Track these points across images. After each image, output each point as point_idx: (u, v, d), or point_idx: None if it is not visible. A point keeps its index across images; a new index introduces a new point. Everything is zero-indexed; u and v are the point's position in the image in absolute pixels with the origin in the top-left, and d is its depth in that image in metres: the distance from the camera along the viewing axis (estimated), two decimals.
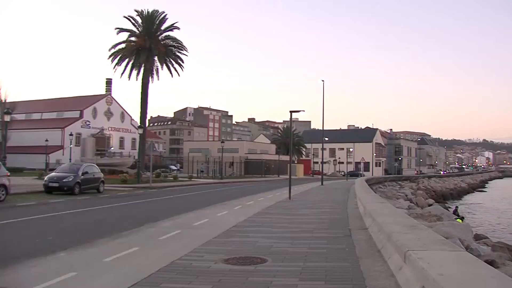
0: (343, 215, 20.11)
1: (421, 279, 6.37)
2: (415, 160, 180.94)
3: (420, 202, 48.56)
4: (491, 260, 15.72)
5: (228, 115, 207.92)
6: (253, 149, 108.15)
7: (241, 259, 10.15)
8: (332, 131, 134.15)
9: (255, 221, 17.53)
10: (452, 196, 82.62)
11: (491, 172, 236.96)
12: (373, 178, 70.86)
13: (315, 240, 13.05)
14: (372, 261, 10.03)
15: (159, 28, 59.55)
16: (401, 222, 12.14)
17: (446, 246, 8.49)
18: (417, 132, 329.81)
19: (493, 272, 6.42)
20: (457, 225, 22.27)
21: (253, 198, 30.58)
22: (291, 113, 32.02)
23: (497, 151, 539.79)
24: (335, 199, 30.74)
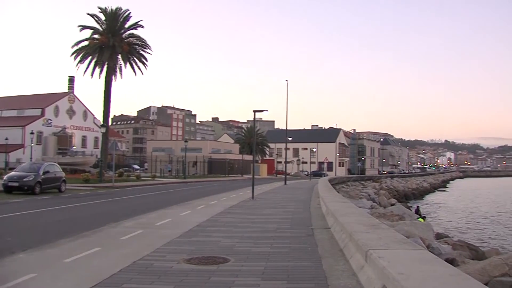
0: (306, 215, 20.18)
1: (382, 278, 6.42)
2: (378, 160, 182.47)
3: (382, 202, 49.01)
4: (452, 258, 15.94)
5: (191, 115, 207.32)
6: (216, 148, 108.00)
7: (204, 259, 10.11)
8: (295, 131, 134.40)
9: (218, 221, 17.49)
10: (414, 196, 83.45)
11: (452, 172, 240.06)
12: (336, 178, 71.25)
13: (277, 240, 13.06)
14: (334, 260, 10.08)
15: (122, 26, 59.04)
16: (363, 221, 12.23)
17: (407, 245, 8.59)
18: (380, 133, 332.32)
19: (452, 270, 6.52)
20: (418, 224, 22.53)
21: (216, 197, 30.51)
22: (255, 112, 32.08)
23: (459, 151, 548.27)
24: (298, 199, 30.82)
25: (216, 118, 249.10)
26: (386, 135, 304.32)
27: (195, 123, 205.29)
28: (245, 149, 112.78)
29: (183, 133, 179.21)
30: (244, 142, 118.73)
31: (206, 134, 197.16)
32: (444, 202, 70.87)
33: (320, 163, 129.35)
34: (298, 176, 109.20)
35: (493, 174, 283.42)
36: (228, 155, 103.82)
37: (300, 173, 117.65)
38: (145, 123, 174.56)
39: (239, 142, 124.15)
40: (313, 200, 28.52)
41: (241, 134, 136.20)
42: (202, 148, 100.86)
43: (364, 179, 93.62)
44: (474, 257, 19.38)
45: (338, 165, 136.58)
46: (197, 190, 41.31)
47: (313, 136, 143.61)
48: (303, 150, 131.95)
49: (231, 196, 32.53)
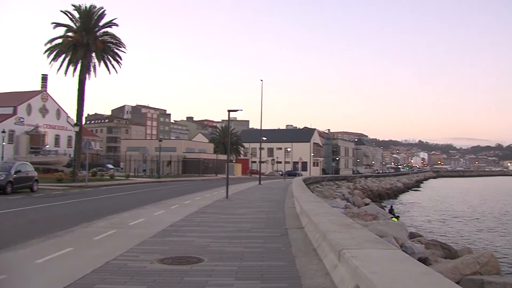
0: (280, 215, 20.22)
1: (355, 277, 6.46)
2: (353, 160, 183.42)
3: (357, 202, 49.16)
4: (424, 257, 16.07)
5: (166, 114, 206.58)
6: (191, 148, 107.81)
7: (177, 258, 10.07)
8: (270, 130, 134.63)
9: (192, 221, 17.47)
10: (388, 195, 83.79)
11: (426, 172, 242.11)
12: (311, 178, 71.50)
13: (251, 240, 13.07)
14: (308, 260, 10.11)
15: (97, 24, 58.49)
16: (337, 221, 12.27)
17: (380, 244, 8.64)
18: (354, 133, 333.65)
19: (424, 269, 6.58)
20: (392, 224, 22.65)
21: (190, 197, 30.44)
22: (229, 112, 32.07)
23: (432, 152, 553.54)
24: (272, 199, 30.87)
25: (190, 117, 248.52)
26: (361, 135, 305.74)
27: (170, 123, 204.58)
28: (219, 148, 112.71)
29: (158, 133, 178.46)
30: (219, 142, 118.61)
31: (180, 134, 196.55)
32: (418, 202, 71.39)
33: (295, 162, 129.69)
34: (273, 175, 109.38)
35: (465, 174, 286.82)
36: (202, 154, 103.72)
37: (275, 173, 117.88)
38: (119, 122, 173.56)
39: (213, 141, 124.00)
40: (287, 200, 28.59)
41: (216, 134, 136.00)
42: (176, 147, 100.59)
43: (339, 179, 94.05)
44: (447, 256, 19.59)
45: (312, 165, 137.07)
46: (171, 189, 41.21)
47: (287, 136, 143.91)
48: (278, 150, 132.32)
49: (205, 195, 32.48)
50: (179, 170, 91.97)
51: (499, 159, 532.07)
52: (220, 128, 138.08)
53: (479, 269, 14.47)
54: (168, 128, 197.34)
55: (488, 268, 14.67)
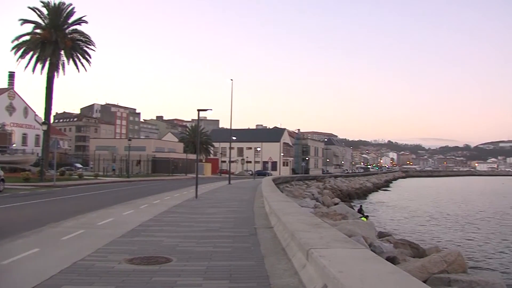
0: (249, 214, 20.25)
1: (323, 276, 6.50)
2: (322, 160, 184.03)
3: (326, 201, 49.28)
4: (393, 256, 16.22)
5: (135, 113, 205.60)
6: (160, 147, 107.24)
7: (146, 258, 10.04)
8: (240, 130, 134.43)
9: (161, 220, 17.42)
10: (358, 195, 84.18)
11: (395, 172, 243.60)
12: (281, 178, 71.62)
13: (220, 239, 13.07)
14: (276, 259, 10.14)
15: (66, 21, 57.82)
16: (305, 220, 12.33)
17: (348, 244, 8.71)
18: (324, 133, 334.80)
19: (391, 268, 6.65)
20: (361, 223, 22.79)
21: (159, 197, 30.35)
22: (199, 111, 32.00)
23: (401, 152, 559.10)
24: (242, 198, 30.90)
25: (160, 116, 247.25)
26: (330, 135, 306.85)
27: (139, 122, 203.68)
28: (189, 148, 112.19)
29: (127, 132, 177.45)
30: (189, 141, 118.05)
31: (150, 133, 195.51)
32: (387, 201, 71.89)
33: (265, 162, 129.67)
34: (243, 175, 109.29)
35: (434, 174, 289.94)
36: (172, 154, 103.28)
37: (245, 173, 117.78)
38: (88, 121, 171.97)
39: (183, 141, 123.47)
40: (257, 200, 28.64)
41: (186, 133, 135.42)
42: (146, 146, 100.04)
43: (308, 179, 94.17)
44: (415, 255, 19.77)
45: (282, 165, 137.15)
46: (141, 189, 41.00)
47: (257, 136, 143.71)
48: (248, 149, 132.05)
49: (175, 195, 32.39)
50: (149, 169, 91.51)
51: (466, 159, 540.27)
52: (190, 127, 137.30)
53: (446, 268, 14.62)
54: (138, 127, 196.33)
55: (455, 266, 14.83)
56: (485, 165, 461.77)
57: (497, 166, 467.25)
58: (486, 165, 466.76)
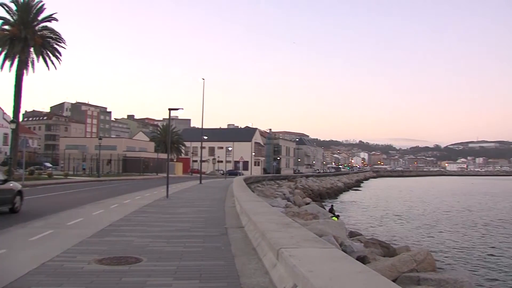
0: (220, 214, 20.24)
1: (293, 276, 6.52)
2: (294, 159, 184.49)
3: (297, 201, 49.42)
4: (363, 256, 16.33)
5: (106, 112, 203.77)
6: (131, 146, 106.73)
7: (116, 259, 9.97)
8: (212, 129, 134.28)
9: (131, 220, 17.32)
10: (329, 195, 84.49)
11: (366, 172, 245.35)
12: (252, 177, 71.58)
13: (191, 239, 13.04)
14: (247, 259, 10.14)
15: (36, 18, 57.11)
16: (276, 220, 12.36)
17: (318, 243, 8.74)
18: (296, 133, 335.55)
19: (360, 268, 6.69)
20: (332, 223, 22.89)
21: (130, 196, 30.15)
22: (170, 110, 31.91)
23: (372, 152, 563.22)
24: (213, 198, 30.86)
25: (131, 115, 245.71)
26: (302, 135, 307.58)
27: (110, 120, 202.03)
28: (160, 147, 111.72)
29: (98, 131, 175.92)
30: (160, 141, 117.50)
31: (121, 132, 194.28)
32: (358, 201, 72.29)
33: (236, 162, 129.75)
34: (214, 175, 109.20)
35: (405, 174, 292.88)
36: (143, 153, 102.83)
37: (216, 172, 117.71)
38: (58, 119, 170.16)
39: (154, 140, 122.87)
40: (228, 199, 28.63)
41: (157, 132, 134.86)
42: (116, 146, 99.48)
43: (280, 178, 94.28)
44: (385, 254, 19.93)
45: (253, 164, 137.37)
46: (111, 188, 40.71)
47: (229, 135, 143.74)
48: (219, 149, 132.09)
49: (146, 195, 32.22)
50: (120, 169, 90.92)
51: (437, 159, 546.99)
52: (161, 126, 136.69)
53: (416, 267, 14.78)
54: (109, 126, 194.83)
55: (424, 265, 15.01)
56: (455, 165, 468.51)
57: (466, 166, 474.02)
58: (456, 165, 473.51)
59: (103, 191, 37.23)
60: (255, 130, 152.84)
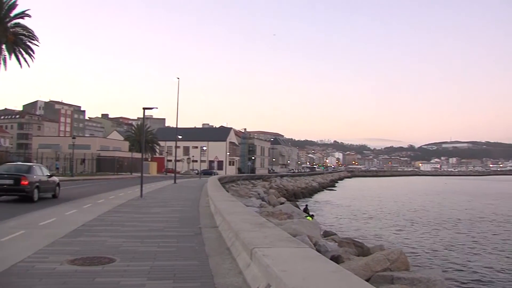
0: (195, 214, 20.20)
1: (267, 275, 6.54)
2: (268, 159, 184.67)
3: (272, 201, 49.46)
4: (337, 255, 16.40)
5: (80, 110, 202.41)
6: (105, 146, 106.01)
7: (89, 259, 9.88)
8: (186, 129, 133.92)
9: (105, 220, 17.19)
10: (304, 194, 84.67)
11: (340, 172, 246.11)
12: (226, 177, 71.60)
13: (165, 239, 13.00)
14: (221, 259, 10.14)
15: (8, 15, 56.41)
16: (250, 220, 12.40)
17: (292, 243, 8.78)
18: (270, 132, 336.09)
19: (334, 267, 6.73)
20: (306, 222, 22.92)
21: (104, 196, 29.91)
22: (144, 110, 31.77)
23: (347, 152, 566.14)
24: (187, 198, 30.77)
25: (106, 114, 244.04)
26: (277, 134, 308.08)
27: (84, 119, 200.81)
28: (134, 146, 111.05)
29: (71, 130, 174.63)
30: (134, 140, 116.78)
31: (95, 131, 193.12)
32: (333, 201, 72.52)
33: (211, 161, 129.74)
34: (188, 174, 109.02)
35: (379, 174, 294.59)
36: (117, 152, 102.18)
37: (190, 172, 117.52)
38: (31, 118, 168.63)
39: (129, 139, 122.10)
40: (202, 199, 28.57)
41: (131, 132, 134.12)
42: (90, 145, 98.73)
43: (254, 178, 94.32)
44: (359, 253, 20.04)
45: (228, 164, 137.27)
46: (85, 188, 40.35)
47: (203, 135, 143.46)
48: (194, 148, 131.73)
49: (120, 194, 32.02)
50: (94, 168, 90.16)
51: (411, 159, 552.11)
52: (136, 125, 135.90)
53: (389, 266, 14.89)
54: (83, 125, 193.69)
55: (398, 264, 15.12)
56: (429, 165, 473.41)
57: (440, 166, 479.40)
58: (429, 165, 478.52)
59: (76, 190, 36.85)
60: (230, 129, 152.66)
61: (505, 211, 57.89)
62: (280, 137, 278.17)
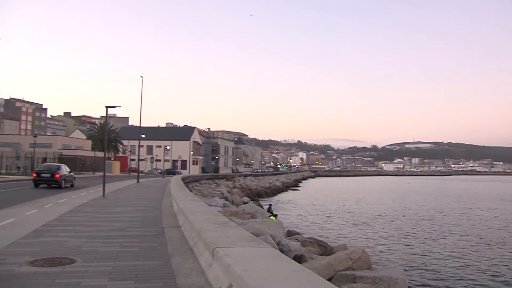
0: (157, 213, 20.12)
1: (228, 275, 6.56)
2: (232, 159, 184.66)
3: (235, 200, 49.50)
4: (300, 255, 16.46)
5: (42, 108, 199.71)
6: (68, 144, 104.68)
7: (49, 260, 9.75)
8: (150, 128, 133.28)
9: (66, 220, 17.01)
10: (267, 194, 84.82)
11: (304, 171, 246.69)
12: (190, 176, 71.32)
13: (127, 239, 12.93)
14: (183, 259, 10.12)
15: None
16: (213, 220, 12.39)
17: (254, 242, 8.79)
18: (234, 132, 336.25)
19: (295, 266, 6.77)
20: (269, 222, 23.01)
21: (65, 195, 29.58)
22: (107, 108, 31.54)
23: (311, 152, 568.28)
24: (150, 197, 30.64)
25: (68, 112, 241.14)
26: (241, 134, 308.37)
27: (46, 118, 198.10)
28: (97, 145, 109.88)
29: (33, 128, 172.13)
30: (97, 139, 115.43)
31: (57, 129, 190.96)
32: (296, 201, 72.59)
33: (174, 161, 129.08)
34: (152, 174, 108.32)
35: (342, 174, 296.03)
36: (79, 151, 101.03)
37: (154, 171, 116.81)
38: None
39: (91, 138, 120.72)
40: (165, 199, 28.47)
41: (94, 130, 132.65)
42: (52, 143, 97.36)
43: (218, 178, 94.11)
44: (323, 253, 20.17)
45: (192, 164, 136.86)
46: (46, 188, 39.81)
47: (167, 134, 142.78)
48: (157, 147, 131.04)
49: (82, 194, 31.75)
50: None
51: (374, 159, 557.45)
52: (99, 124, 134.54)
53: (352, 265, 15.04)
54: (44, 124, 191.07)
55: (360, 263, 15.28)
56: (392, 165, 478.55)
57: (403, 166, 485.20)
58: (392, 165, 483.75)
59: (37, 190, 36.39)
60: (194, 129, 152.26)
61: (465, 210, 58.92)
62: (244, 136, 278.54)
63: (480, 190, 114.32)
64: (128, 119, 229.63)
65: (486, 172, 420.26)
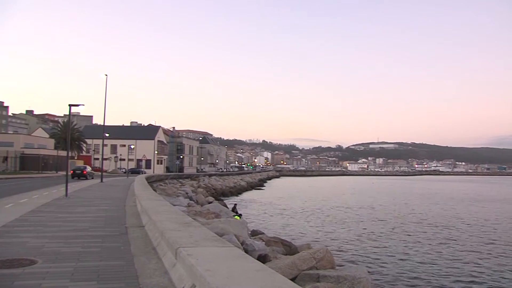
0: (121, 213, 19.96)
1: (191, 275, 6.57)
2: (197, 158, 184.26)
3: (200, 200, 49.40)
4: (265, 254, 16.50)
5: (3, 106, 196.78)
6: (30, 143, 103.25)
7: (8, 261, 9.60)
8: (114, 127, 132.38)
9: (27, 220, 16.75)
10: (232, 193, 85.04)
11: (269, 171, 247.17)
12: (154, 176, 70.96)
13: (89, 239, 12.79)
14: (147, 259, 10.06)
15: None
16: (176, 219, 12.36)
17: (217, 242, 8.79)
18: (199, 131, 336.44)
19: (258, 266, 6.77)
20: (233, 221, 22.97)
21: (27, 195, 29.23)
22: (70, 106, 31.16)
23: (275, 151, 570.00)
24: (113, 197, 30.39)
25: (30, 111, 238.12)
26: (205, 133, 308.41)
27: (7, 116, 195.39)
28: (60, 144, 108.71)
29: None
30: (60, 137, 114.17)
31: (19, 128, 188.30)
32: (261, 200, 72.70)
33: (139, 160, 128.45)
34: (116, 173, 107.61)
35: (307, 173, 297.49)
36: (42, 150, 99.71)
37: (118, 170, 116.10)
38: None
39: (54, 137, 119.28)
40: (129, 198, 28.30)
41: (57, 129, 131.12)
42: (14, 142, 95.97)
43: (183, 177, 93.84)
44: (287, 252, 20.22)
45: (156, 163, 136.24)
46: (7, 187, 39.28)
47: (131, 133, 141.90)
48: (121, 147, 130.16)
49: (44, 193, 31.37)
50: (17, 166, 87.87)
51: (339, 159, 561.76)
52: (62, 123, 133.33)
53: (315, 264, 15.09)
54: (5, 122, 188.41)
55: (323, 263, 15.34)
56: (356, 165, 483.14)
57: (367, 166, 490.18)
58: (357, 165, 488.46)
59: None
60: (158, 128, 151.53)
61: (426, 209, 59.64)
62: (208, 136, 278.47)
63: (441, 190, 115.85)
64: (92, 117, 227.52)
65: (449, 172, 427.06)
